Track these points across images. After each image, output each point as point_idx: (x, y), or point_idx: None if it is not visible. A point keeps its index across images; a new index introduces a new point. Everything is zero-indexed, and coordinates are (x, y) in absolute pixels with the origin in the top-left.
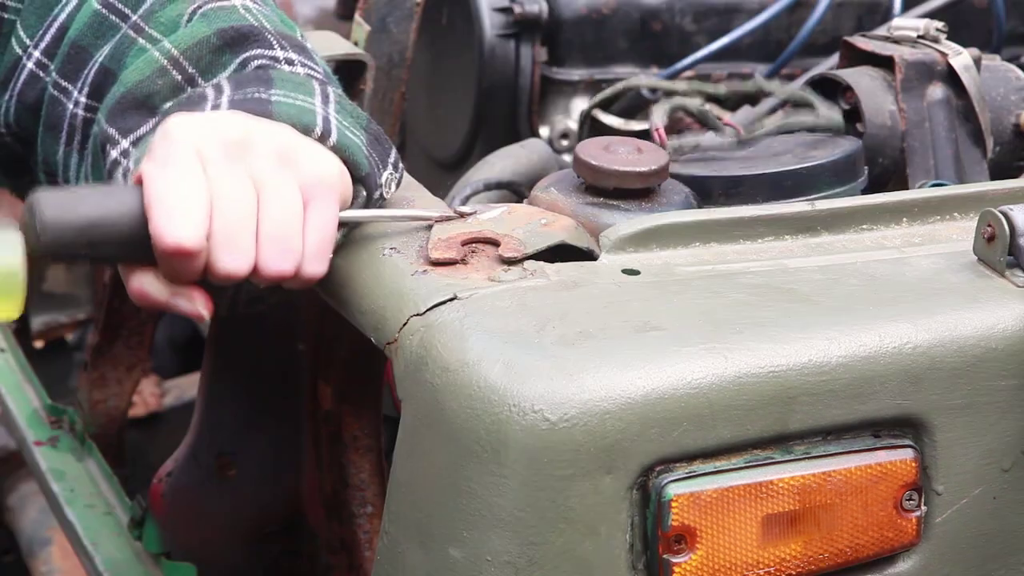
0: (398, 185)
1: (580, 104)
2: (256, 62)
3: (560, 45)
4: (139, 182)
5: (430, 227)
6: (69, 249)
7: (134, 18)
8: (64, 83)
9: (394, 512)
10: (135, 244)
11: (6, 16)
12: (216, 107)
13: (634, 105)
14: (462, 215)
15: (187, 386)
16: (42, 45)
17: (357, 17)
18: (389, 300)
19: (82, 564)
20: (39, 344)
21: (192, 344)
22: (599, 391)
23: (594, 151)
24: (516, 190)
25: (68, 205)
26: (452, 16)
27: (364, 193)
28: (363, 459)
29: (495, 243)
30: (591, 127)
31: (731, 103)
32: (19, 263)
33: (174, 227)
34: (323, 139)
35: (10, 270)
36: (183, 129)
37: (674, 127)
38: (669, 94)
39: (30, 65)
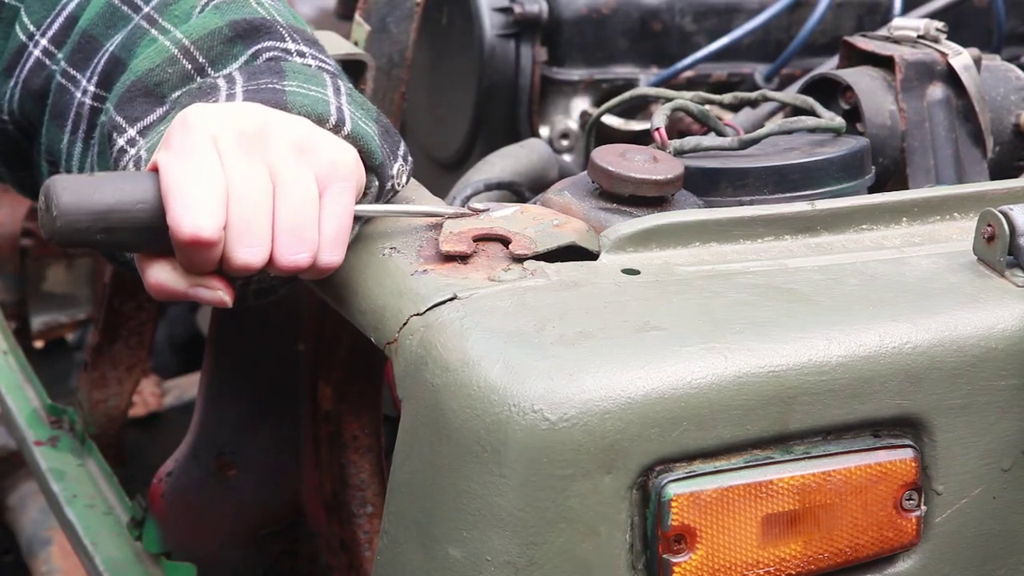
0: (408, 178)
1: (580, 104)
2: (268, 54)
3: (560, 45)
4: (155, 170)
5: (438, 225)
6: (84, 235)
7: (147, 9)
8: (72, 71)
9: (394, 512)
10: (151, 232)
11: (7, 1)
12: (231, 97)
13: (634, 105)
14: (475, 211)
15: (187, 386)
16: (50, 33)
17: (357, 17)
18: (389, 300)
19: (82, 564)
20: (39, 344)
21: (192, 344)
22: (599, 391)
23: (610, 158)
24: (516, 190)
25: (85, 190)
26: (452, 16)
27: (377, 183)
28: (363, 459)
29: (506, 240)
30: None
31: (733, 107)
32: None
33: (192, 217)
34: (337, 129)
35: None
36: (201, 119)
37: (675, 128)
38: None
39: (36, 52)
